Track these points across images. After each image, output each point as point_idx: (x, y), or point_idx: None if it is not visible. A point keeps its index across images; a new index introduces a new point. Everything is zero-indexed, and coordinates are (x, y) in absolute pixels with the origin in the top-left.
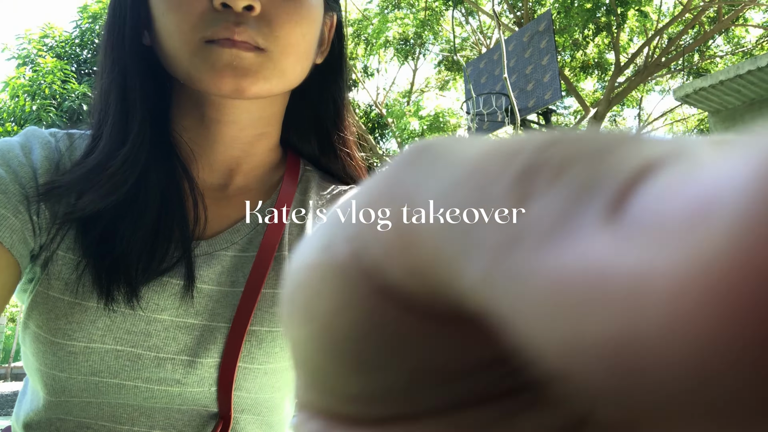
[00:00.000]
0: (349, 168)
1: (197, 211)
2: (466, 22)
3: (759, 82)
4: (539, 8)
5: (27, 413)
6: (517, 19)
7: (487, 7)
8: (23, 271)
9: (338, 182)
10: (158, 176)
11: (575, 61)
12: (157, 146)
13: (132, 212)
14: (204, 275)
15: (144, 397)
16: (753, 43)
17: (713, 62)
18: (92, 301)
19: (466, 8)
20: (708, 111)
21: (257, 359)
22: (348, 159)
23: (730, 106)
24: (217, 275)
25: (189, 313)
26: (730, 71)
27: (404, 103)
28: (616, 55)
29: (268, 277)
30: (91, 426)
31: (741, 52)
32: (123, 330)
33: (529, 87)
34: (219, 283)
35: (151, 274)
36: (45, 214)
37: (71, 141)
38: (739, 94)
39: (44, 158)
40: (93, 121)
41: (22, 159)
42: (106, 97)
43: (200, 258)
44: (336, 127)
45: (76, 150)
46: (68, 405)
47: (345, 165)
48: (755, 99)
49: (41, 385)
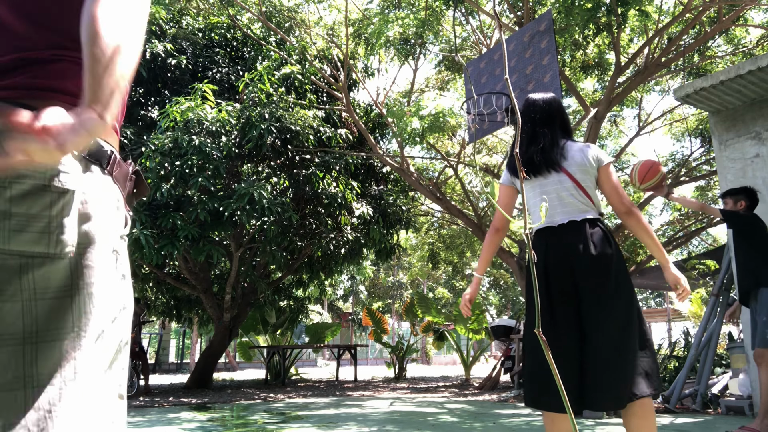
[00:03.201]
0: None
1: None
2: (467, 22)
3: (759, 82)
4: (540, 8)
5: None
6: (518, 19)
7: (487, 7)
8: None
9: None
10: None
11: (575, 61)
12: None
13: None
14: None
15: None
16: (753, 43)
17: (713, 62)
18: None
19: (466, 8)
20: (708, 111)
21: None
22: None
23: (730, 106)
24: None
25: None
26: (731, 71)
27: (404, 103)
28: (617, 55)
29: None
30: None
31: (741, 52)
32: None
33: (529, 87)
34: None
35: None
36: None
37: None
38: (739, 94)
39: None
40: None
41: None
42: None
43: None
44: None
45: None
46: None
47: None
48: (755, 99)
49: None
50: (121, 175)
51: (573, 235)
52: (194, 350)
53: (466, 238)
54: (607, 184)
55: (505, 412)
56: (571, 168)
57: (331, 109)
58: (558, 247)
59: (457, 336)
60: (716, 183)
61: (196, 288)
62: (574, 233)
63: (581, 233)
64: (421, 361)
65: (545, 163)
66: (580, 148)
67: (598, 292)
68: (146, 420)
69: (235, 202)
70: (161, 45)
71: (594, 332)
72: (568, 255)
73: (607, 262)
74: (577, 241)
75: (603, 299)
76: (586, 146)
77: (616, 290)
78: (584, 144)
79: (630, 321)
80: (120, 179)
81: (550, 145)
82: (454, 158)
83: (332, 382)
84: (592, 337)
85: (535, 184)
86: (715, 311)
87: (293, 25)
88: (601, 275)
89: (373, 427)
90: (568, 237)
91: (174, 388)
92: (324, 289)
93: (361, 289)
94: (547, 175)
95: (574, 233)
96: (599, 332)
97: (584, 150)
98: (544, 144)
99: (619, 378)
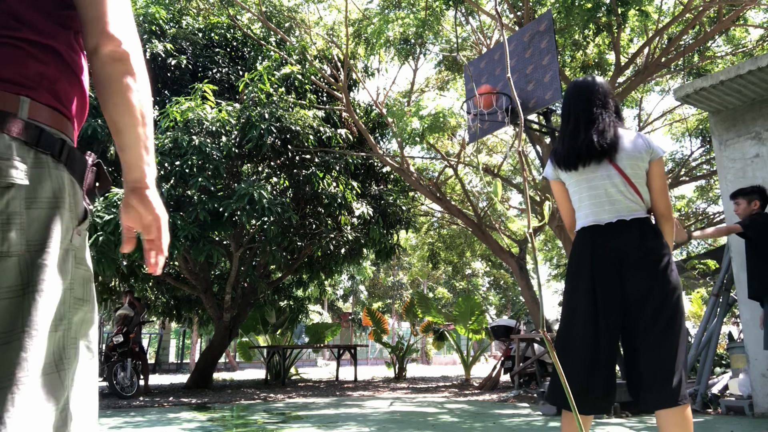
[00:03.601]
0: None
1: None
2: (467, 22)
3: (759, 82)
4: (540, 8)
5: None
6: (518, 19)
7: (487, 7)
8: None
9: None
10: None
11: (575, 61)
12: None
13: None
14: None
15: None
16: (753, 43)
17: (713, 62)
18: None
19: (466, 8)
20: (708, 111)
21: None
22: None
23: (730, 106)
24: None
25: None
26: (731, 71)
27: (404, 103)
28: (617, 55)
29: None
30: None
31: (741, 52)
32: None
33: (529, 87)
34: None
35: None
36: None
37: None
38: (739, 94)
39: None
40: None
41: None
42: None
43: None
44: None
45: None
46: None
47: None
48: (755, 99)
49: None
50: (76, 166)
51: (622, 235)
52: (194, 350)
53: (466, 238)
54: (657, 181)
55: (505, 412)
56: (622, 161)
57: (331, 109)
58: (605, 248)
59: (457, 336)
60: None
61: (196, 288)
62: (624, 233)
63: (631, 234)
64: (421, 361)
65: (602, 152)
66: (633, 138)
67: (648, 298)
68: (146, 420)
69: (235, 202)
70: (161, 45)
71: (640, 339)
72: (616, 256)
73: (659, 265)
74: (627, 242)
75: (652, 305)
76: (639, 135)
77: (667, 296)
78: (637, 132)
79: (677, 330)
80: (76, 170)
81: (609, 128)
82: (454, 158)
83: (332, 382)
84: (638, 343)
85: (582, 178)
86: (715, 311)
87: (293, 25)
88: (653, 280)
89: (373, 427)
90: (616, 237)
91: (174, 388)
92: (324, 289)
93: (361, 289)
94: (596, 168)
95: (624, 233)
96: (646, 339)
97: (637, 139)
98: (604, 128)
99: (666, 382)
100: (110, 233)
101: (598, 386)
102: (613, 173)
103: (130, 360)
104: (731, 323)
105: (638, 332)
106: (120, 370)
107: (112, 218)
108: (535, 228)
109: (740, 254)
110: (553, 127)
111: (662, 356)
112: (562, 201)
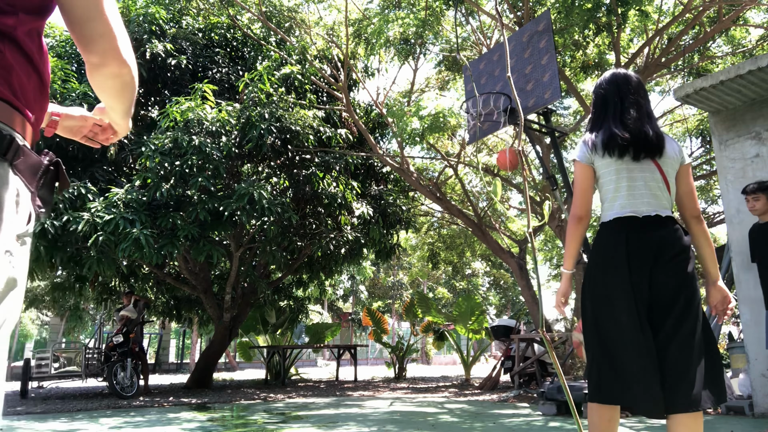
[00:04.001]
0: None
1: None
2: (467, 22)
3: (759, 82)
4: (540, 8)
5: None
6: (518, 19)
7: (487, 7)
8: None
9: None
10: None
11: (575, 61)
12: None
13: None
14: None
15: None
16: (753, 43)
17: (713, 62)
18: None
19: (466, 8)
20: (708, 111)
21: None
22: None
23: (730, 106)
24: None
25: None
26: (731, 71)
27: (404, 103)
28: (617, 55)
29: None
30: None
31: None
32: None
33: (528, 87)
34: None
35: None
36: None
37: None
38: (739, 94)
39: None
40: None
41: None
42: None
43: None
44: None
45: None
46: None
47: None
48: (755, 99)
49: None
50: (25, 165)
51: (660, 230)
52: (194, 350)
53: (466, 238)
54: (686, 183)
55: (505, 412)
56: (663, 160)
57: (331, 109)
58: (641, 242)
59: (457, 336)
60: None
61: (196, 288)
62: (662, 230)
63: (668, 230)
64: (421, 361)
65: (655, 148)
66: (669, 140)
67: (677, 298)
68: (146, 420)
69: (235, 202)
70: (161, 45)
71: (667, 339)
72: (651, 251)
73: (687, 267)
74: (664, 238)
75: (679, 303)
76: (671, 138)
77: (692, 296)
78: (667, 135)
79: (698, 328)
80: (24, 170)
81: (657, 126)
82: (454, 158)
83: (332, 382)
84: (665, 342)
85: (622, 167)
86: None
87: (293, 25)
88: (682, 279)
89: (373, 427)
90: (654, 232)
91: (174, 388)
92: (324, 289)
93: (361, 289)
94: (641, 161)
95: (662, 230)
96: (674, 340)
97: (672, 143)
98: (655, 124)
99: (690, 387)
100: (110, 233)
101: (658, 384)
102: (653, 169)
103: (130, 360)
104: (731, 323)
105: (665, 331)
106: (120, 370)
107: (112, 218)
108: (535, 228)
109: (740, 254)
110: (552, 126)
111: (689, 359)
112: (587, 188)
